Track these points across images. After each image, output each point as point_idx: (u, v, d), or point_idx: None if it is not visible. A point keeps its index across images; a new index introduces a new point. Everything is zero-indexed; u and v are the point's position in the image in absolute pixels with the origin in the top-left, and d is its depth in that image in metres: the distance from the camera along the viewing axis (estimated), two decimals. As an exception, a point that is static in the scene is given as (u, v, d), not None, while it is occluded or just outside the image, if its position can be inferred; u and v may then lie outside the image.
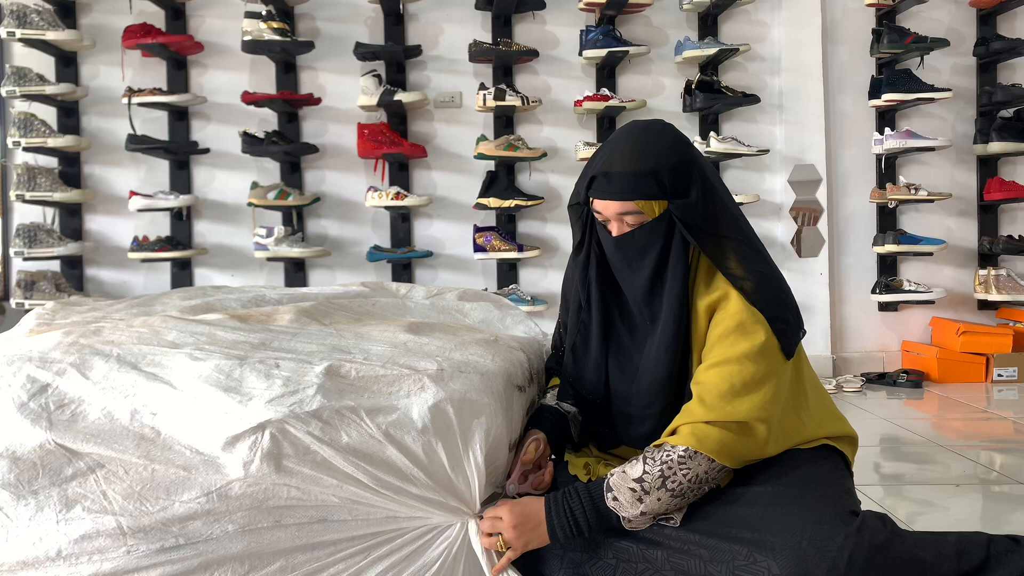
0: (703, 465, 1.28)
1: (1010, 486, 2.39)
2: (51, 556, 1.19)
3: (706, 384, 1.31)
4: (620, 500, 1.29)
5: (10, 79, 3.75)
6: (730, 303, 1.33)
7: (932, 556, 1.26)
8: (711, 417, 1.28)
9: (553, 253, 4.05)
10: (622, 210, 1.35)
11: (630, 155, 1.34)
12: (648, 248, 1.36)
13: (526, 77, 4.08)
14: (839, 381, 3.86)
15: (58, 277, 3.86)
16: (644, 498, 1.28)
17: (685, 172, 1.34)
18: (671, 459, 1.28)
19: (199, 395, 1.28)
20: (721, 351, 1.32)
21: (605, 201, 1.36)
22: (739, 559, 1.24)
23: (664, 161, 1.33)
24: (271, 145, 3.84)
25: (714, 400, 1.29)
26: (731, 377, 1.29)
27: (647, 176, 1.32)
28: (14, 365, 1.32)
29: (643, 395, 1.40)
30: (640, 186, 1.32)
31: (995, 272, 4.01)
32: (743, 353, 1.30)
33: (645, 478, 1.28)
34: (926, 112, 4.16)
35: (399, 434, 1.28)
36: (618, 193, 1.33)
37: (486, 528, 1.32)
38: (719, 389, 1.29)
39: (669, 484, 1.27)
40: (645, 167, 1.32)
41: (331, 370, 1.33)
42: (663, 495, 1.28)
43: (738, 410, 1.28)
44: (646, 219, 1.35)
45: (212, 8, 4.02)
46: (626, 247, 1.38)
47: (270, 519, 1.23)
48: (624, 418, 1.45)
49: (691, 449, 1.27)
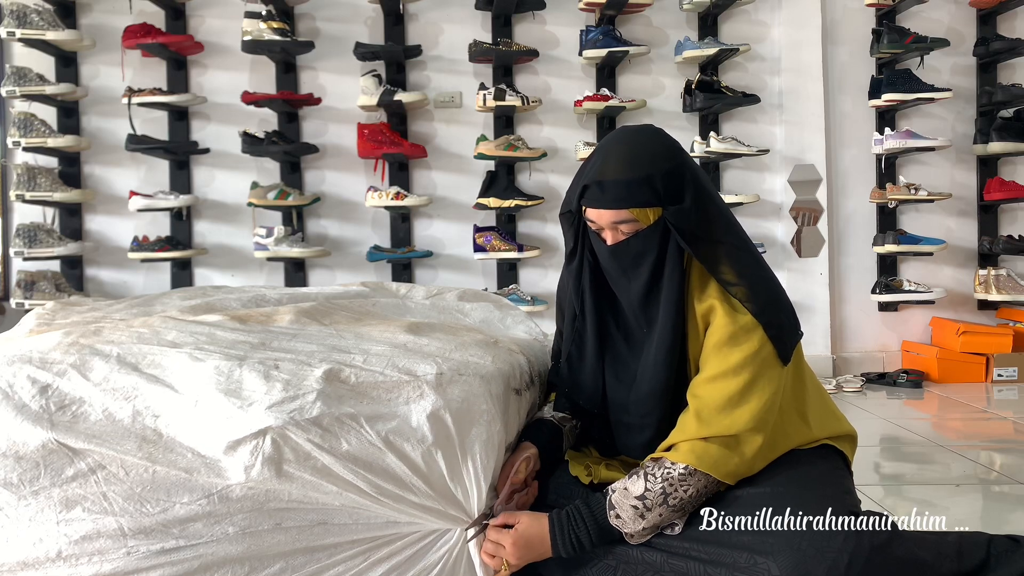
0: (702, 481, 1.29)
1: (1010, 486, 2.39)
2: (51, 557, 1.19)
3: (703, 399, 1.31)
4: (623, 517, 1.30)
5: (10, 79, 3.75)
6: (722, 313, 1.32)
7: (932, 556, 1.26)
8: (708, 433, 1.28)
9: (553, 253, 4.04)
10: (616, 219, 1.33)
11: (623, 162, 1.32)
12: (644, 256, 1.35)
13: (526, 77, 4.08)
14: (839, 381, 3.86)
15: (58, 277, 3.86)
16: (646, 514, 1.29)
17: (678, 177, 1.32)
18: (672, 476, 1.28)
19: (200, 398, 1.28)
20: (716, 364, 1.31)
21: (599, 210, 1.34)
22: (739, 560, 1.24)
23: (657, 167, 1.31)
24: (271, 145, 3.84)
25: (710, 415, 1.29)
26: (727, 390, 1.29)
27: (641, 183, 1.30)
28: (14, 365, 1.32)
29: (641, 404, 1.39)
30: (634, 194, 1.31)
31: (995, 272, 4.01)
32: (738, 364, 1.30)
33: (647, 496, 1.29)
34: (926, 112, 4.16)
35: (398, 442, 1.28)
36: (612, 201, 1.32)
37: (488, 551, 1.32)
38: (715, 403, 1.29)
39: (671, 501, 1.28)
40: (639, 174, 1.31)
41: (331, 375, 1.33)
42: (664, 511, 1.29)
43: (735, 423, 1.28)
44: (641, 227, 1.33)
45: (212, 8, 4.02)
46: (621, 255, 1.36)
47: (270, 521, 1.23)
48: (623, 427, 1.45)
49: (691, 467, 1.28)
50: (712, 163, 4.05)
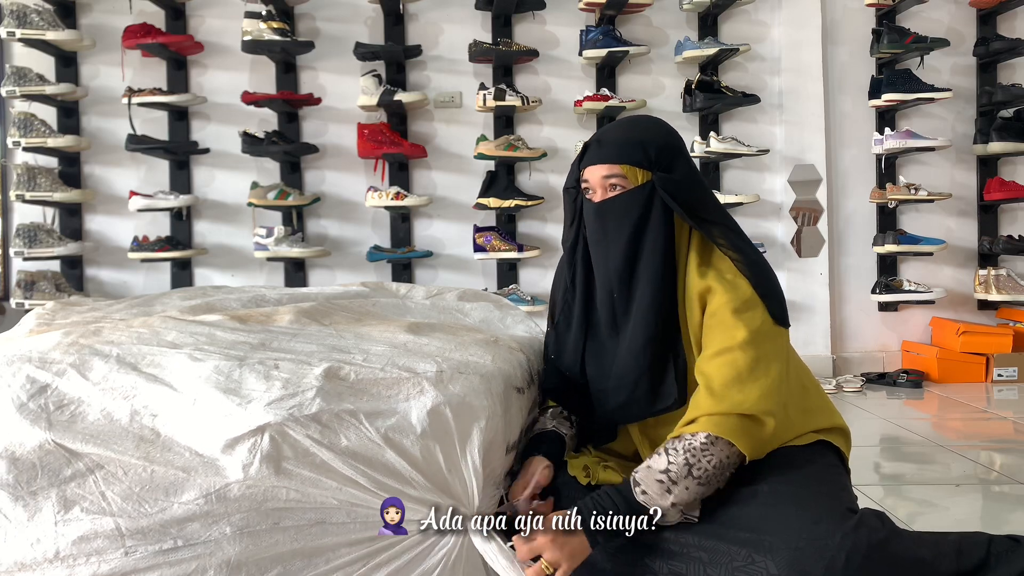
0: (724, 451, 1.29)
1: (1010, 486, 2.39)
2: (49, 557, 1.19)
3: (711, 375, 1.33)
4: (649, 493, 1.29)
5: (10, 79, 3.75)
6: (722, 290, 1.36)
7: (931, 554, 1.26)
8: (723, 408, 1.30)
9: (553, 253, 4.04)
10: (608, 173, 1.41)
11: (622, 127, 1.47)
12: (627, 214, 1.41)
13: (526, 77, 4.07)
14: (839, 381, 3.85)
15: (58, 277, 3.86)
16: (672, 488, 1.28)
17: (671, 151, 1.43)
18: (694, 447, 1.29)
19: (199, 397, 1.28)
20: (721, 339, 1.34)
21: (594, 167, 1.43)
22: (737, 560, 1.24)
23: (653, 137, 1.43)
24: (271, 145, 3.84)
25: (722, 389, 1.31)
26: (735, 364, 1.31)
27: (635, 145, 1.41)
28: (14, 365, 1.32)
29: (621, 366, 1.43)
30: (627, 152, 1.41)
31: (995, 272, 4.01)
32: (744, 339, 1.32)
33: (671, 468, 1.29)
34: (926, 112, 4.16)
35: (398, 438, 1.28)
36: (606, 156, 1.42)
37: (523, 556, 1.29)
38: (725, 378, 1.31)
39: (695, 472, 1.28)
40: (634, 137, 1.42)
41: (330, 372, 1.33)
42: (691, 484, 1.28)
43: (748, 398, 1.29)
44: (629, 185, 1.41)
45: (212, 8, 4.02)
46: (606, 212, 1.42)
47: (268, 521, 1.23)
48: (601, 395, 1.47)
49: (712, 435, 1.28)
50: (712, 163, 4.04)
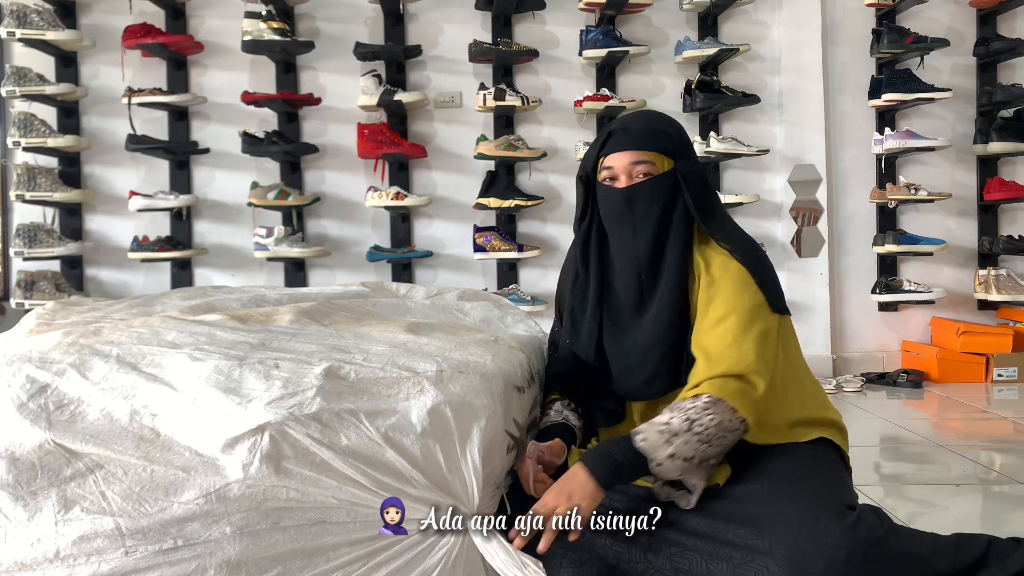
0: (727, 413, 1.30)
1: (1010, 486, 2.39)
2: (49, 557, 1.19)
3: (708, 345, 1.37)
4: (649, 440, 1.30)
5: (10, 79, 3.75)
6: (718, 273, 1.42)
7: (929, 551, 1.27)
8: (720, 370, 1.33)
9: (553, 253, 4.04)
10: (636, 159, 1.46)
11: (643, 118, 1.53)
12: (656, 200, 1.46)
13: (526, 77, 4.07)
14: (839, 381, 3.86)
15: (58, 277, 3.86)
16: (673, 440, 1.29)
17: (687, 143, 1.52)
18: (695, 406, 1.31)
19: (199, 396, 1.28)
20: (714, 312, 1.39)
21: (620, 153, 1.47)
22: (737, 557, 1.25)
23: (673, 128, 1.52)
24: (271, 145, 3.84)
25: (718, 354, 1.35)
26: (729, 331, 1.37)
27: (662, 134, 1.48)
28: (14, 365, 1.32)
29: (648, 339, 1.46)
30: (656, 139, 1.47)
31: (995, 272, 4.01)
32: (739, 313, 1.38)
33: (672, 422, 1.30)
34: (926, 112, 4.16)
35: (398, 437, 1.27)
36: (634, 143, 1.47)
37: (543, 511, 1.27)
38: (720, 344, 1.36)
39: (696, 427, 1.29)
40: (659, 127, 1.50)
41: (330, 372, 1.33)
42: (690, 438, 1.29)
43: (743, 358, 1.34)
44: (656, 172, 1.46)
45: (212, 8, 4.02)
46: (636, 198, 1.46)
47: (268, 521, 1.23)
48: (624, 372, 1.49)
49: (714, 396, 1.31)
50: (712, 163, 4.04)
